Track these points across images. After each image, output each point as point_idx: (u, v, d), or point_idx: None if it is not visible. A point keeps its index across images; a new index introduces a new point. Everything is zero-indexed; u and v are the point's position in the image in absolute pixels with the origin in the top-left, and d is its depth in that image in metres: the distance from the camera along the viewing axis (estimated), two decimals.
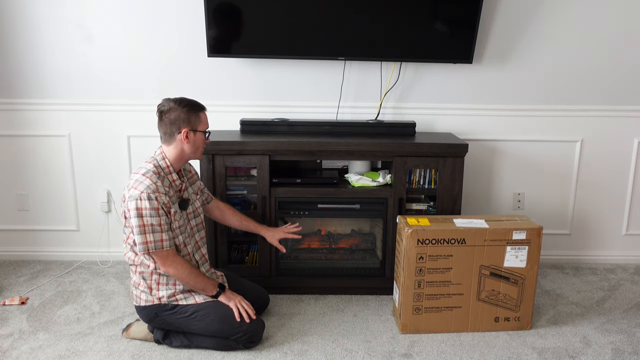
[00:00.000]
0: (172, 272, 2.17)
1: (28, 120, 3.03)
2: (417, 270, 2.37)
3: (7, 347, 2.30)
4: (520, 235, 2.36)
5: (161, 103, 2.21)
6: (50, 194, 3.13)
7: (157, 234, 2.11)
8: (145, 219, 2.09)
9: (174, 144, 2.21)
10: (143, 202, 2.08)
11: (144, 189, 2.09)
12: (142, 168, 2.18)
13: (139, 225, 2.09)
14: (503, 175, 3.15)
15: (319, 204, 2.73)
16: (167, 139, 2.21)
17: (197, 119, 2.21)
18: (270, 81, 2.98)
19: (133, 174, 2.18)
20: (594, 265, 3.24)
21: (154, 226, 2.10)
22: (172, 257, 2.16)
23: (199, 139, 2.24)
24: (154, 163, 2.19)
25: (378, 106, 3.00)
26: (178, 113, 2.17)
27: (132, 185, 2.13)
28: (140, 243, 2.11)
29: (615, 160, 3.14)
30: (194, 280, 2.21)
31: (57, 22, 2.89)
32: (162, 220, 2.12)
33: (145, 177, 2.13)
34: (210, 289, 2.26)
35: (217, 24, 2.76)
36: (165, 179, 2.19)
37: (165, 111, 2.18)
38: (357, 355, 2.27)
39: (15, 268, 3.09)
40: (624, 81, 3.02)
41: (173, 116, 2.17)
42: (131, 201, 2.10)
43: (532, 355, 2.29)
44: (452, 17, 2.81)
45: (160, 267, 2.18)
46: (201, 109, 2.25)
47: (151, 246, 2.11)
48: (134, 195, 2.09)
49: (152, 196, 2.09)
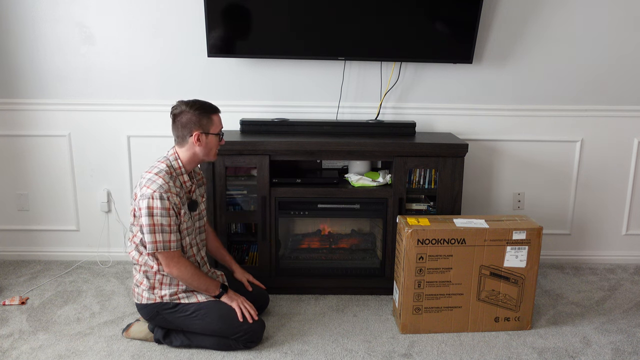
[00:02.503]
0: (175, 273, 2.17)
1: (28, 120, 3.03)
2: (417, 270, 2.37)
3: (7, 347, 2.30)
4: (520, 235, 2.36)
5: (174, 105, 2.21)
6: (50, 194, 3.13)
7: (165, 234, 2.11)
8: (156, 218, 2.09)
9: (186, 146, 2.21)
10: (155, 202, 2.08)
11: (156, 188, 2.09)
12: (154, 167, 2.18)
13: (149, 224, 2.09)
14: (503, 175, 3.15)
15: (319, 204, 2.73)
16: (180, 142, 2.22)
17: (209, 121, 2.21)
18: (270, 81, 2.98)
19: (145, 172, 2.18)
20: (594, 265, 3.24)
21: (163, 226, 2.10)
22: (177, 258, 2.16)
23: (212, 142, 2.24)
24: (166, 163, 2.19)
25: (378, 106, 3.00)
26: (190, 116, 2.17)
27: (144, 183, 2.13)
28: (149, 242, 2.12)
29: (615, 160, 3.14)
30: (197, 282, 2.21)
31: (57, 22, 2.89)
32: (172, 221, 2.12)
33: (158, 177, 2.13)
34: (213, 290, 2.26)
35: (217, 24, 2.76)
36: (177, 180, 2.19)
37: (178, 114, 2.18)
38: (357, 355, 2.27)
39: (15, 268, 3.09)
40: (624, 81, 3.02)
41: (185, 119, 2.17)
42: (143, 200, 2.10)
43: (532, 355, 2.29)
44: (452, 17, 2.81)
45: (164, 267, 2.17)
46: (213, 111, 2.24)
47: (159, 246, 2.11)
48: (146, 194, 2.09)
49: (165, 196, 2.09)
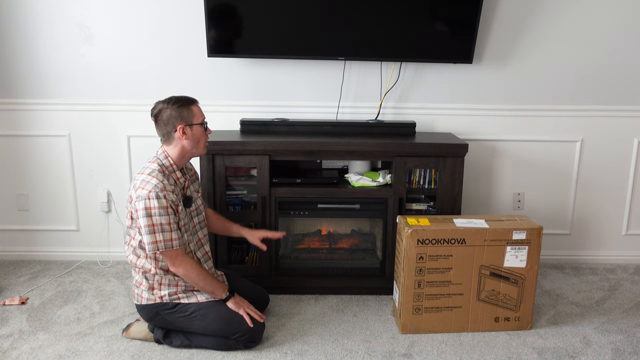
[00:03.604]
0: (181, 272, 2.16)
1: (28, 120, 3.03)
2: (417, 270, 2.37)
3: (7, 347, 2.30)
4: (520, 235, 2.36)
5: (153, 107, 2.21)
6: (50, 194, 3.13)
7: (166, 233, 2.10)
8: (154, 218, 2.08)
9: (173, 142, 2.21)
10: (152, 202, 2.07)
11: (151, 188, 2.09)
12: (146, 168, 2.17)
13: (148, 224, 2.08)
14: (503, 175, 3.15)
15: (319, 204, 2.73)
16: (167, 139, 2.22)
17: (189, 113, 2.20)
18: (270, 81, 2.98)
19: (137, 174, 2.18)
20: (594, 265, 3.24)
21: (162, 225, 2.09)
22: (181, 256, 2.15)
23: (197, 132, 2.23)
24: (157, 162, 2.19)
25: (378, 106, 3.00)
26: (169, 112, 2.17)
27: (139, 185, 2.12)
28: (149, 243, 2.10)
29: (615, 160, 3.14)
30: (203, 282, 2.20)
31: (57, 22, 2.89)
32: (171, 219, 2.11)
33: (151, 177, 2.12)
34: (220, 293, 2.25)
35: (217, 23, 2.76)
36: (170, 177, 2.19)
37: (158, 113, 2.18)
38: (357, 355, 2.27)
39: (15, 268, 3.09)
40: (624, 81, 3.02)
41: (165, 116, 2.17)
42: (139, 201, 2.09)
43: (532, 355, 2.29)
44: (452, 17, 2.81)
45: (169, 266, 2.16)
46: (191, 102, 2.23)
47: (161, 245, 2.10)
48: (142, 195, 2.08)
49: (161, 195, 2.08)
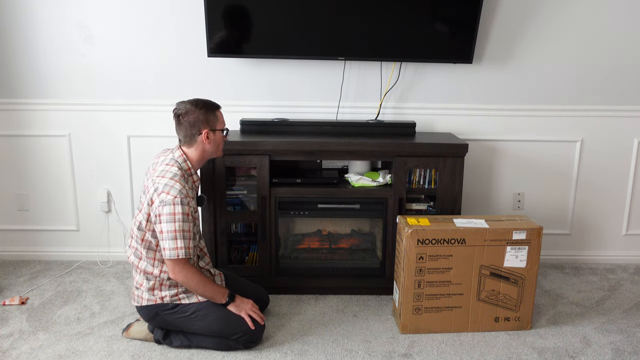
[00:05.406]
0: (181, 280, 2.14)
1: (28, 120, 3.03)
2: (417, 270, 2.37)
3: (7, 347, 2.30)
4: (520, 235, 2.36)
5: (177, 107, 2.20)
6: (50, 194, 3.13)
7: (186, 241, 2.09)
8: (178, 224, 2.07)
9: (195, 145, 2.22)
10: (176, 207, 2.06)
11: (176, 193, 2.08)
12: (167, 172, 2.15)
13: (171, 230, 2.07)
14: (503, 175, 3.15)
15: (319, 204, 2.73)
16: (188, 141, 2.22)
17: (214, 118, 2.23)
18: (270, 81, 2.98)
19: (157, 177, 2.14)
20: (594, 265, 3.24)
21: (184, 232, 2.08)
22: (185, 264, 2.14)
23: (219, 138, 2.26)
24: (177, 166, 2.18)
25: (378, 106, 3.00)
26: (196, 115, 2.17)
27: (162, 189, 2.10)
28: (171, 249, 2.08)
29: (615, 160, 3.14)
30: (202, 289, 2.18)
31: (57, 22, 2.89)
32: (191, 227, 2.12)
33: (174, 181, 2.11)
34: (220, 298, 2.24)
35: (217, 24, 2.76)
36: (188, 181, 2.19)
37: (183, 114, 2.18)
38: (357, 355, 2.27)
39: (15, 268, 3.09)
40: (624, 81, 3.02)
41: (192, 118, 2.17)
42: (164, 206, 2.07)
43: (532, 355, 2.29)
44: (452, 17, 2.81)
45: (170, 273, 2.14)
46: (217, 107, 2.27)
47: (181, 252, 2.08)
48: (167, 201, 2.07)
49: (185, 201, 2.08)
